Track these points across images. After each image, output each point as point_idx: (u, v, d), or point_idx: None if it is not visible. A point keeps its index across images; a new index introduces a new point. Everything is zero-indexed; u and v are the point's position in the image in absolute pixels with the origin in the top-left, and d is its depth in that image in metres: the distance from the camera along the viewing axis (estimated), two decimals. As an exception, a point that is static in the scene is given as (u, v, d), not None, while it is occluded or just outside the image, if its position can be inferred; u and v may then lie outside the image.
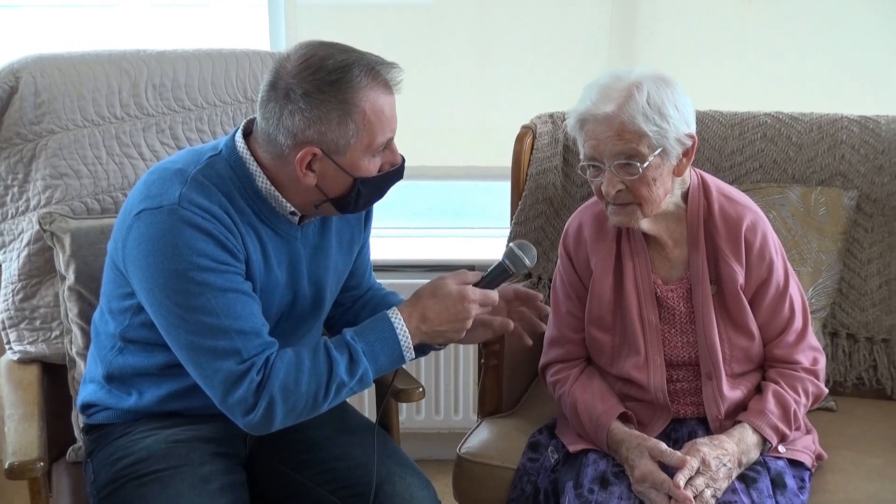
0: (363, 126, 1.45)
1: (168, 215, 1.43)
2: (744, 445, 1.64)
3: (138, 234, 1.45)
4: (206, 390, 1.46)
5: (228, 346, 1.42)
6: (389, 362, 1.52)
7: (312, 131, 1.44)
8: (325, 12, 2.75)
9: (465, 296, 1.52)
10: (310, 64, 1.43)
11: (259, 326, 1.47)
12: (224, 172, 1.50)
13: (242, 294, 1.46)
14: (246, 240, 1.50)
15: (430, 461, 2.40)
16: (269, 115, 1.46)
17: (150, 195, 1.47)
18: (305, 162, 1.46)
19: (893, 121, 2.16)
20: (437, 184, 3.16)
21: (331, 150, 1.46)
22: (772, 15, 2.67)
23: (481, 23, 2.71)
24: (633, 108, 1.59)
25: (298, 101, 1.42)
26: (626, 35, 2.68)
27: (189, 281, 1.41)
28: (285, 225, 1.56)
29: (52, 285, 1.91)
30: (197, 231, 1.43)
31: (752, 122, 2.21)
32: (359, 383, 1.49)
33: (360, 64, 1.45)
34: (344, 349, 1.48)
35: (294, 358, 1.46)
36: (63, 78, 1.91)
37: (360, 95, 1.44)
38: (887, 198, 2.12)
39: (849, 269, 2.12)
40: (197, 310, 1.42)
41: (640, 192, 1.64)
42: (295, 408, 1.45)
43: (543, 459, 1.79)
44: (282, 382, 1.43)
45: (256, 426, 1.45)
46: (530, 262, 1.61)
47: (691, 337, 1.74)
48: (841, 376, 2.12)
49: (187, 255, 1.41)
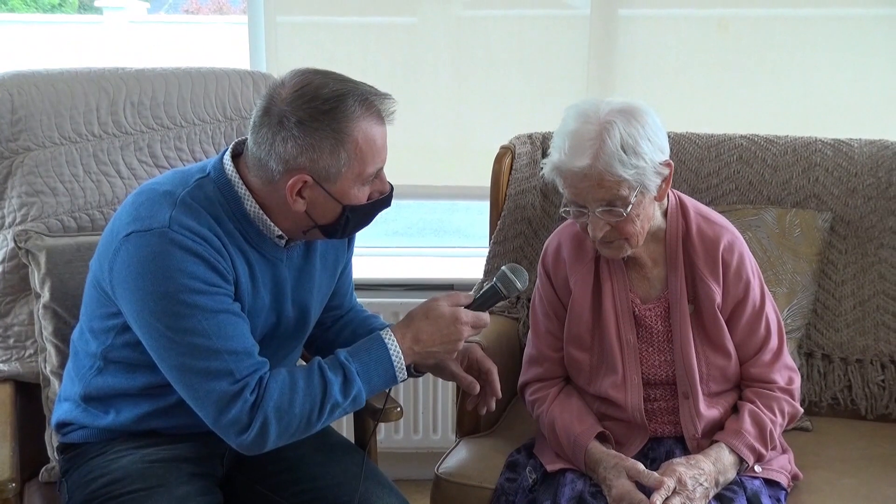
0: (355, 155, 1.45)
1: (158, 238, 1.42)
2: (720, 465, 1.65)
3: (127, 257, 1.44)
4: (199, 411, 1.45)
5: (221, 366, 1.42)
6: (382, 382, 1.52)
7: (304, 159, 1.44)
8: (305, 31, 2.75)
9: (458, 317, 1.54)
10: (305, 92, 1.43)
11: (250, 346, 1.47)
12: (212, 195, 1.50)
13: (233, 315, 1.46)
14: (235, 262, 1.50)
15: (409, 481, 2.39)
16: (262, 140, 1.46)
17: (138, 217, 1.46)
18: (296, 189, 1.46)
19: (866, 144, 2.20)
20: (416, 203, 3.17)
21: (322, 178, 1.46)
22: (747, 40, 2.71)
23: (461, 43, 2.73)
24: (608, 156, 1.58)
25: (292, 128, 1.42)
26: (604, 57, 2.71)
27: (179, 303, 1.41)
28: (271, 248, 1.56)
29: (27, 303, 1.89)
30: (187, 254, 1.42)
31: (727, 145, 2.23)
32: (352, 404, 1.49)
33: (355, 94, 1.45)
34: (338, 369, 1.48)
35: (288, 378, 1.46)
36: (40, 95, 1.90)
37: (354, 125, 1.44)
38: (860, 220, 2.15)
39: (823, 289, 2.15)
40: (188, 332, 1.41)
41: (626, 230, 1.65)
42: (289, 428, 1.45)
43: (521, 479, 1.78)
44: (276, 403, 1.43)
45: (250, 446, 1.44)
46: (522, 286, 1.62)
47: (669, 356, 1.75)
48: (816, 396, 2.13)
49: (178, 277, 1.41)
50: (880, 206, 2.14)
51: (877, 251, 2.14)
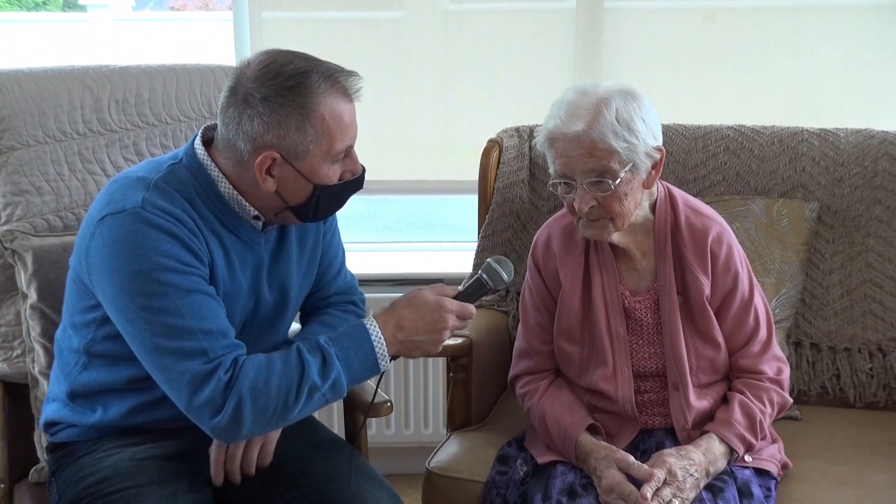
0: (322, 131, 1.46)
1: (132, 218, 1.43)
2: (711, 455, 1.66)
3: (101, 240, 1.44)
4: (172, 395, 1.43)
5: (195, 346, 1.41)
6: (364, 369, 1.50)
7: (271, 136, 1.44)
8: (290, 27, 2.75)
9: (442, 305, 1.52)
10: (269, 70, 1.45)
11: (225, 328, 1.46)
12: (186, 179, 1.51)
13: (207, 296, 1.46)
14: (210, 244, 1.50)
15: (400, 476, 2.39)
16: (229, 120, 1.47)
17: (112, 201, 1.47)
18: (265, 167, 1.47)
19: (852, 133, 2.21)
20: (404, 198, 3.17)
21: (290, 155, 1.46)
22: (733, 31, 2.72)
23: (448, 37, 2.73)
24: (602, 126, 1.60)
25: (257, 105, 1.43)
26: (591, 50, 2.71)
27: (153, 282, 1.40)
28: (248, 231, 1.56)
29: (14, 304, 1.88)
30: (161, 232, 1.42)
31: (715, 136, 2.24)
32: (331, 389, 1.47)
33: (319, 70, 1.46)
34: (317, 352, 1.47)
35: (265, 360, 1.45)
36: (24, 93, 1.88)
37: (319, 101, 1.45)
38: (847, 209, 2.16)
39: (811, 279, 2.15)
40: (162, 311, 1.41)
41: (612, 208, 1.65)
42: (265, 411, 1.42)
43: (512, 472, 1.79)
44: (251, 382, 1.41)
45: (224, 429, 1.42)
46: (508, 278, 1.62)
47: (658, 348, 1.76)
48: (805, 385, 2.14)
49: (152, 255, 1.41)
50: (867, 195, 2.15)
51: (864, 240, 2.15)
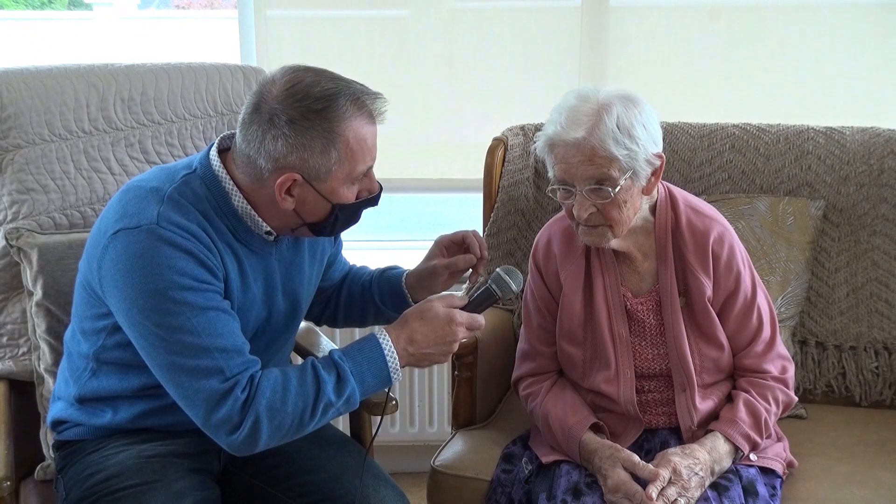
0: (345, 155, 1.45)
1: (147, 234, 1.41)
2: (716, 454, 1.65)
3: (115, 255, 1.43)
4: (188, 411, 1.43)
5: (211, 364, 1.40)
6: (377, 383, 1.51)
7: (294, 157, 1.43)
8: (295, 25, 2.74)
9: (453, 318, 1.52)
10: (296, 90, 1.42)
11: (241, 344, 1.46)
12: (200, 191, 1.49)
13: (223, 312, 1.45)
14: (224, 258, 1.49)
15: (405, 474, 2.40)
16: (251, 137, 1.44)
17: (126, 214, 1.45)
18: (285, 187, 1.45)
19: (858, 131, 2.20)
20: (410, 196, 3.16)
21: (311, 176, 1.45)
22: (738, 29, 2.71)
23: (453, 35, 2.73)
24: (603, 133, 1.59)
25: (283, 126, 1.41)
26: (596, 48, 2.71)
27: (169, 300, 1.39)
28: (260, 242, 1.56)
29: (20, 301, 1.88)
30: (176, 250, 1.41)
31: (720, 134, 2.23)
32: (345, 404, 1.48)
33: (347, 93, 1.44)
34: (332, 369, 1.47)
35: (281, 377, 1.44)
36: (30, 92, 1.89)
37: (345, 125, 1.43)
38: (853, 207, 2.15)
39: (817, 277, 2.15)
40: (177, 329, 1.40)
41: (611, 215, 1.65)
42: (280, 427, 1.43)
43: (517, 471, 1.79)
44: (268, 401, 1.41)
45: (240, 446, 1.42)
46: (517, 288, 1.62)
47: (662, 349, 1.76)
48: (810, 384, 2.14)
49: (167, 274, 1.39)
50: (873, 193, 2.14)
51: (870, 238, 2.14)
